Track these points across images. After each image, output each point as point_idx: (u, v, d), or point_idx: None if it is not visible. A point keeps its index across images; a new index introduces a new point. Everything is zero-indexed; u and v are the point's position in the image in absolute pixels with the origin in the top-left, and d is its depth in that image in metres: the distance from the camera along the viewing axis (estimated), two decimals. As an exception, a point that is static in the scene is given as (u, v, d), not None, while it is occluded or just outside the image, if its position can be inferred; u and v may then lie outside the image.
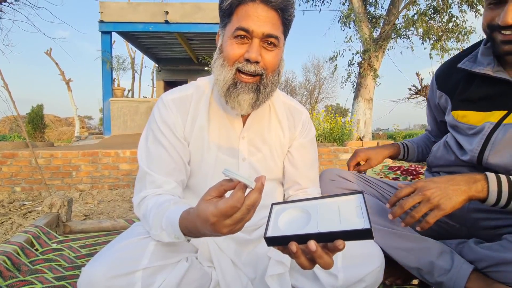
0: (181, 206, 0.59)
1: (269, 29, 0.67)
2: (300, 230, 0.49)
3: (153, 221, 0.62)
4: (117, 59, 7.47)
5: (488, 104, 0.78)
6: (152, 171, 0.72)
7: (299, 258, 0.49)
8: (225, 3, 0.69)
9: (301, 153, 0.86)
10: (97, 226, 1.20)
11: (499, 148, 0.73)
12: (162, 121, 0.75)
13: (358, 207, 0.50)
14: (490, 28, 0.72)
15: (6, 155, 3.31)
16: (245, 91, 0.69)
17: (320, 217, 0.51)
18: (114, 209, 2.63)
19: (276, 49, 0.70)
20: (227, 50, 0.69)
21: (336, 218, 0.50)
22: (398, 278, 0.89)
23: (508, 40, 0.68)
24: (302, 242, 0.48)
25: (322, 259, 0.48)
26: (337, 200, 0.55)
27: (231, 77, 0.69)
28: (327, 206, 0.54)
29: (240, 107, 0.71)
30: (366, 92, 6.68)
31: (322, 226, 0.48)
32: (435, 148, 0.96)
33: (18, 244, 0.77)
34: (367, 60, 6.41)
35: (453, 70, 0.87)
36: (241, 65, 0.68)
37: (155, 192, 0.70)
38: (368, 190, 0.95)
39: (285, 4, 0.69)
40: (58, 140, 11.07)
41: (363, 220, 0.47)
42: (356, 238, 0.46)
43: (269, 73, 0.71)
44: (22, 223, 2.23)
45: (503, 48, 0.70)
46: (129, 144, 5.10)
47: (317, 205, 0.55)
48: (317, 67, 19.84)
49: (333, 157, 3.88)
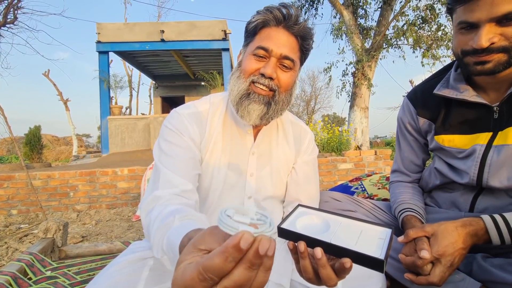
0: (187, 224, 0.51)
1: (287, 51, 0.72)
2: (313, 235, 0.47)
3: (155, 239, 0.55)
4: (115, 77, 7.56)
5: (471, 127, 0.80)
6: (167, 169, 0.69)
7: (304, 260, 0.47)
8: (251, 24, 0.74)
9: (304, 170, 0.87)
10: (93, 250, 1.18)
11: (496, 169, 0.74)
12: (176, 129, 0.74)
13: (381, 239, 0.49)
14: (463, 53, 0.73)
15: (3, 177, 3.28)
16: (257, 101, 0.72)
17: (338, 232, 0.51)
18: (112, 229, 2.59)
19: (291, 71, 0.74)
20: (245, 64, 0.73)
21: (354, 239, 0.49)
22: (400, 293, 0.87)
23: (481, 61, 0.70)
24: (310, 246, 0.46)
25: (326, 270, 0.46)
26: (362, 225, 0.54)
27: (245, 87, 0.73)
28: (350, 226, 0.53)
29: (249, 116, 0.73)
30: (361, 101, 6.76)
31: (336, 240, 0.47)
32: (426, 173, 0.96)
33: (10, 274, 0.76)
34: (360, 70, 6.52)
35: (429, 96, 0.88)
36: (255, 78, 0.72)
37: (171, 192, 0.65)
38: (360, 211, 0.95)
39: (305, 33, 0.74)
40: (56, 160, 11.02)
41: (380, 251, 0.45)
42: (365, 265, 0.44)
43: (282, 91, 0.74)
44: (18, 247, 2.18)
45: (476, 69, 0.71)
46: (127, 162, 5.08)
47: (340, 221, 0.54)
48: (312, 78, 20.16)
49: (331, 167, 3.87)
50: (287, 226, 0.52)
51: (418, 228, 0.71)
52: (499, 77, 0.72)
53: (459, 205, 0.85)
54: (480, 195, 0.80)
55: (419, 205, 0.88)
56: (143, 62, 8.78)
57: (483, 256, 0.74)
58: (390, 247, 0.47)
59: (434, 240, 0.67)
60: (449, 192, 0.88)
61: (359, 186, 1.50)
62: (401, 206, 0.89)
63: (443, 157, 0.87)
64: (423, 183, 0.98)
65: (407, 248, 0.71)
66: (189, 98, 10.61)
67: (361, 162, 3.93)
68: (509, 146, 0.72)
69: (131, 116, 8.48)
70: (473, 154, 0.77)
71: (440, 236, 0.67)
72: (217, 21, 7.15)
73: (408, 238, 0.70)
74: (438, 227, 0.69)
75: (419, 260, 0.65)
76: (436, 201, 0.93)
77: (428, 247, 0.66)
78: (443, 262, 0.65)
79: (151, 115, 7.35)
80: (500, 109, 0.75)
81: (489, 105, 0.76)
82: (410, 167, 1.00)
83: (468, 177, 0.78)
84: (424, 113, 0.90)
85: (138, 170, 3.44)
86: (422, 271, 0.66)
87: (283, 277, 0.76)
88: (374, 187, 1.44)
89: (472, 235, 0.67)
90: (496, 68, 0.69)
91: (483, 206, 0.79)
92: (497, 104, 0.75)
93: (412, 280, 0.68)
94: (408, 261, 0.68)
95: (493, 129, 0.76)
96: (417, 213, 0.84)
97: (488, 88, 0.78)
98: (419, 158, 0.98)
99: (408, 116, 0.96)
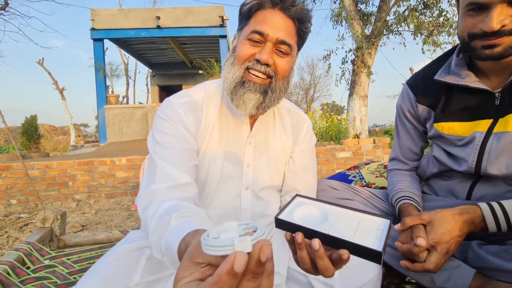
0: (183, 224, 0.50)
1: (284, 35, 0.68)
2: (311, 226, 0.47)
3: (153, 239, 0.54)
4: (110, 66, 7.45)
5: (471, 114, 0.78)
6: (163, 161, 0.66)
7: (302, 251, 0.47)
8: (245, 7, 0.70)
9: (302, 159, 0.86)
10: (91, 239, 1.18)
11: (495, 157, 0.73)
12: (170, 119, 0.71)
13: (379, 230, 0.49)
14: (470, 37, 0.70)
15: (1, 167, 3.28)
16: (252, 90, 0.69)
17: (336, 223, 0.50)
18: (112, 218, 2.61)
19: (288, 56, 0.71)
20: (240, 50, 0.70)
21: (352, 230, 0.49)
22: (395, 278, 0.88)
23: (489, 45, 0.67)
24: (308, 237, 0.46)
25: (323, 261, 0.45)
26: (361, 216, 0.53)
27: (240, 75, 0.69)
28: (348, 217, 0.53)
29: (245, 106, 0.70)
30: (360, 89, 6.70)
31: (334, 231, 0.47)
32: (424, 161, 0.95)
33: (8, 263, 0.76)
34: (360, 58, 6.43)
35: (429, 82, 0.86)
36: (251, 64, 0.69)
37: (168, 186, 0.63)
38: (357, 199, 0.95)
39: (303, 15, 0.70)
40: (54, 150, 10.99)
41: (378, 242, 0.45)
42: (363, 256, 0.44)
43: (279, 78, 0.71)
44: (18, 236, 2.20)
45: (484, 53, 0.69)
46: (125, 151, 5.07)
47: (338, 212, 0.54)
48: (311, 66, 19.90)
49: (330, 156, 3.88)
50: (285, 217, 0.51)
51: (414, 216, 0.71)
52: (503, 62, 0.70)
53: (456, 193, 0.85)
54: (477, 183, 0.80)
55: (416, 193, 0.88)
56: (139, 50, 8.61)
57: (478, 243, 0.74)
58: (388, 238, 0.47)
59: (431, 227, 0.67)
60: (447, 180, 0.88)
61: (356, 174, 1.50)
62: (398, 194, 0.89)
63: (442, 145, 0.87)
64: (421, 171, 0.97)
65: (404, 236, 0.72)
66: (186, 87, 10.49)
67: (360, 150, 3.94)
68: (509, 133, 0.71)
69: (128, 105, 8.40)
70: (473, 142, 0.76)
71: (437, 223, 0.67)
72: (214, 7, 6.97)
73: (405, 226, 0.71)
74: (435, 215, 0.69)
75: (415, 248, 0.66)
76: (433, 189, 0.93)
77: (425, 235, 0.66)
78: (439, 250, 0.65)
79: (148, 104, 7.29)
80: (502, 95, 0.73)
81: (491, 91, 0.74)
82: (408, 155, 0.99)
83: (467, 165, 0.78)
84: (424, 100, 0.89)
85: (136, 159, 3.44)
86: (418, 258, 0.66)
87: (280, 266, 0.76)
88: (372, 176, 1.45)
89: (469, 223, 0.67)
90: (506, 52, 0.66)
91: (481, 194, 0.79)
92: (499, 90, 0.74)
93: (408, 267, 0.68)
94: (404, 249, 0.69)
95: (494, 116, 0.75)
96: (414, 201, 0.84)
97: (491, 73, 0.76)
98: (418, 146, 0.97)
99: (407, 103, 0.94)
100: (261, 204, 0.82)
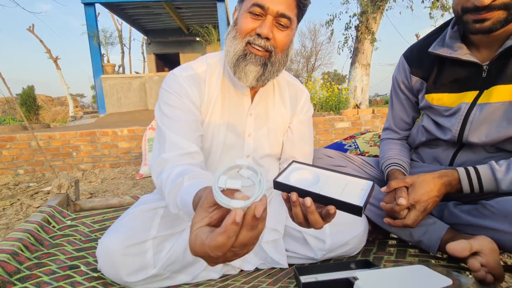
0: (195, 183, 0.56)
1: (284, 8, 0.69)
2: (304, 187, 0.55)
3: (169, 199, 0.61)
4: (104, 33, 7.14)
5: (460, 85, 0.82)
6: (172, 131, 0.71)
7: (296, 208, 0.55)
8: None
9: (299, 129, 0.91)
10: (105, 204, 1.28)
11: (477, 126, 0.79)
12: (176, 92, 0.75)
13: (362, 190, 0.56)
14: (463, 11, 0.72)
15: (5, 138, 3.33)
16: (253, 62, 0.72)
17: (327, 184, 0.57)
18: (118, 187, 2.72)
19: (287, 30, 0.73)
20: (241, 23, 0.72)
21: (339, 190, 0.56)
22: (380, 234, 0.99)
23: (480, 19, 0.70)
24: (301, 196, 0.54)
25: (314, 216, 0.53)
26: (348, 178, 0.60)
27: (242, 48, 0.72)
28: (337, 179, 0.60)
29: (246, 77, 0.73)
30: (363, 58, 6.54)
31: (323, 191, 0.54)
32: (414, 131, 1.01)
33: (37, 222, 0.85)
34: (364, 23, 6.18)
35: (424, 55, 0.89)
36: (252, 39, 0.71)
37: (177, 154, 0.69)
38: (351, 166, 1.02)
39: None
40: (53, 121, 10.97)
41: (360, 199, 0.52)
42: (347, 211, 0.52)
43: (278, 52, 0.73)
44: (31, 203, 2.32)
45: (474, 27, 0.72)
46: (125, 122, 5.10)
47: (329, 175, 0.61)
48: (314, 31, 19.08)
49: (329, 126, 3.92)
50: (282, 180, 0.58)
51: (399, 179, 0.79)
52: (492, 35, 0.73)
53: (441, 160, 0.92)
54: (460, 150, 0.87)
55: (404, 160, 0.96)
56: (133, 15, 8.21)
57: (454, 203, 0.83)
58: (370, 196, 0.55)
59: (412, 189, 0.76)
60: (433, 148, 0.95)
61: (352, 144, 1.57)
62: (387, 161, 0.96)
63: (431, 115, 0.92)
64: (411, 140, 1.04)
65: (389, 197, 0.80)
66: (183, 55, 10.17)
67: (359, 120, 3.98)
68: (491, 104, 0.76)
69: (125, 75, 8.22)
70: (458, 112, 0.82)
71: (418, 185, 0.75)
72: (210, -33, 6.53)
73: (390, 188, 0.79)
74: (417, 178, 0.77)
75: (397, 206, 0.75)
76: (421, 157, 1.01)
77: (406, 195, 0.75)
78: (418, 208, 0.74)
79: (146, 74, 7.14)
80: (489, 68, 0.77)
81: (479, 64, 0.78)
82: (400, 125, 1.05)
83: (451, 134, 0.84)
84: (418, 72, 0.92)
85: (138, 130, 3.49)
86: (399, 215, 0.76)
87: (278, 223, 0.86)
88: (367, 145, 1.52)
89: (446, 185, 0.75)
90: (494, 26, 0.70)
91: (462, 160, 0.86)
92: (487, 63, 0.78)
93: (390, 223, 0.78)
94: (387, 208, 0.78)
95: (480, 88, 0.79)
96: (401, 167, 0.92)
97: (482, 46, 0.79)
98: (409, 116, 1.03)
99: (402, 75, 0.98)
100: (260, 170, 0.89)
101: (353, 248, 0.86)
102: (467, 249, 0.65)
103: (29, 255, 0.73)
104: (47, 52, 9.23)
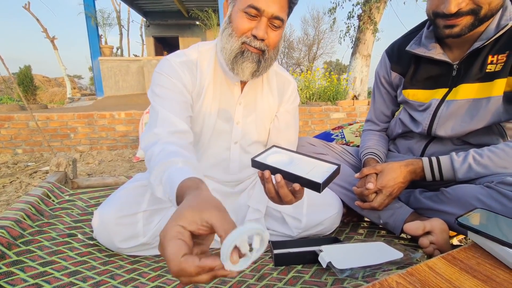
0: (189, 170, 0.56)
1: (278, 11, 0.73)
2: (277, 166, 0.63)
3: (156, 170, 0.60)
4: (102, 13, 7.03)
5: (433, 83, 0.89)
6: (164, 108, 0.74)
7: (268, 184, 0.63)
8: None
9: (285, 118, 0.96)
10: (101, 182, 1.35)
11: (444, 121, 0.86)
12: (168, 75, 0.78)
13: (326, 172, 0.63)
14: (434, 15, 0.78)
15: (3, 118, 3.37)
16: (250, 59, 0.76)
17: (297, 165, 0.65)
18: (115, 168, 2.79)
19: (280, 29, 0.77)
20: (237, 23, 0.75)
21: (307, 170, 0.64)
22: (354, 217, 1.08)
23: (449, 25, 0.75)
24: (273, 174, 0.63)
25: (283, 190, 0.61)
26: (317, 162, 0.68)
27: (238, 46, 0.75)
28: (308, 162, 0.68)
29: (243, 73, 0.78)
30: (364, 48, 6.50)
31: (292, 170, 0.62)
32: (392, 123, 1.09)
33: (37, 196, 0.92)
34: (367, 13, 6.11)
35: (403, 52, 0.94)
36: (248, 40, 0.75)
37: (169, 130, 0.70)
38: (331, 154, 1.10)
39: None
40: (50, 102, 10.91)
41: (321, 179, 0.59)
42: (309, 187, 0.60)
43: (270, 49, 0.78)
44: (30, 182, 2.39)
45: (444, 32, 0.77)
46: (123, 105, 5.12)
47: (302, 158, 0.69)
48: (317, 19, 18.73)
49: (324, 116, 3.97)
50: (259, 159, 0.66)
51: (371, 166, 0.87)
52: (464, 37, 0.79)
53: (414, 150, 0.99)
54: (431, 142, 0.94)
55: (381, 150, 1.03)
56: (131, -4, 8.05)
57: (420, 191, 0.91)
58: (333, 177, 0.62)
59: (380, 175, 0.83)
60: (408, 139, 1.02)
61: (339, 134, 1.64)
62: (365, 150, 1.04)
63: (407, 109, 0.99)
64: (389, 131, 1.11)
65: (361, 183, 0.88)
66: (183, 39, 10.03)
67: (354, 112, 4.03)
68: (457, 101, 0.83)
69: (123, 57, 8.14)
70: (429, 108, 0.89)
71: (386, 172, 0.83)
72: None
73: (362, 174, 0.87)
74: (386, 166, 0.84)
75: (366, 191, 0.82)
76: (397, 147, 1.08)
77: (374, 181, 0.83)
78: (384, 192, 0.82)
79: (144, 57, 7.07)
80: (458, 67, 0.84)
81: (451, 63, 0.84)
82: (380, 117, 1.12)
83: (421, 127, 0.91)
84: (397, 68, 0.98)
85: (135, 114, 3.53)
86: (368, 199, 0.84)
87: (260, 204, 0.94)
88: (353, 135, 1.59)
89: (411, 173, 0.83)
90: (462, 31, 0.75)
91: (432, 151, 0.94)
92: (457, 62, 0.84)
93: (359, 205, 0.86)
94: (358, 192, 0.86)
95: (450, 86, 0.86)
96: (377, 156, 0.99)
97: (454, 46, 0.85)
98: (389, 109, 1.10)
99: (383, 70, 1.04)
100: (247, 156, 0.94)
101: (327, 228, 0.94)
102: (420, 228, 0.73)
103: (31, 223, 0.80)
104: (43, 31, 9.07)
